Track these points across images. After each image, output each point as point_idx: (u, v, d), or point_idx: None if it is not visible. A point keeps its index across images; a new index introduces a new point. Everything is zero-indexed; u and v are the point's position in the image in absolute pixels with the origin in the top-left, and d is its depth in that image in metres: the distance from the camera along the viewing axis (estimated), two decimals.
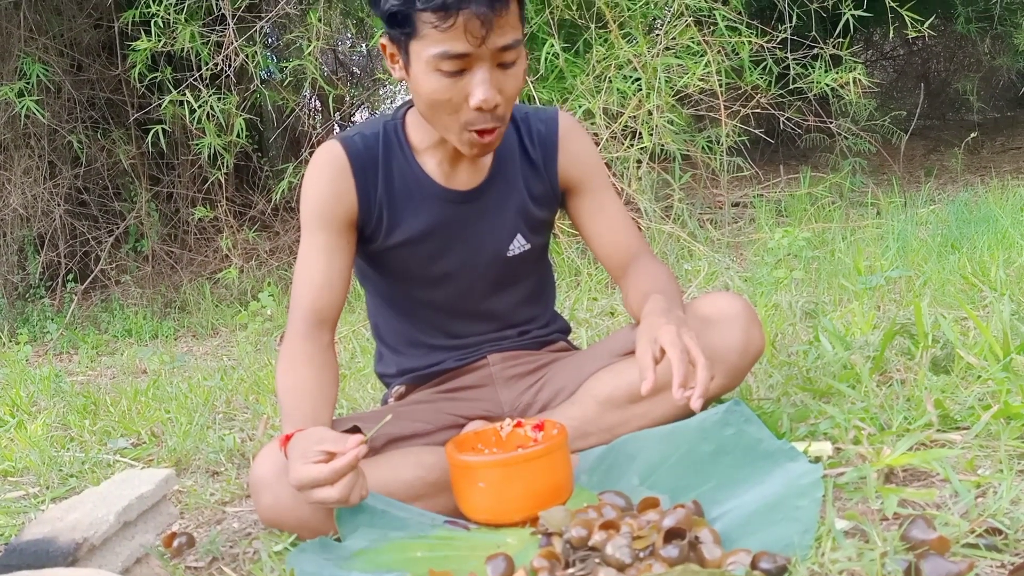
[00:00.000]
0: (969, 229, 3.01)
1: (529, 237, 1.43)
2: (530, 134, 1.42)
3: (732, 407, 1.22)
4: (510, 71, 1.22)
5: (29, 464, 1.84)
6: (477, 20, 1.14)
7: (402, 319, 1.48)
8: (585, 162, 1.43)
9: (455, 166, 1.38)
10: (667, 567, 0.94)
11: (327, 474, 1.07)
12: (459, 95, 1.20)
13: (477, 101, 1.19)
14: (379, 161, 1.35)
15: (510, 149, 1.41)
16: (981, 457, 1.21)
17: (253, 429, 1.99)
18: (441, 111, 1.22)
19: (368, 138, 1.36)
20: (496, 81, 1.20)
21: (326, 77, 4.53)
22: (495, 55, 1.18)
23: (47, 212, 4.57)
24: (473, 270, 1.42)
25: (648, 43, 3.53)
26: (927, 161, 5.88)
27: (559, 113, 1.44)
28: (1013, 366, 1.47)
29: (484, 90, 1.19)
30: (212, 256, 4.86)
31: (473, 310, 1.46)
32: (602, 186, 1.45)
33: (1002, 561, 0.93)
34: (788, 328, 2.13)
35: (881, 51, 8.05)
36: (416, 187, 1.36)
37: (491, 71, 1.19)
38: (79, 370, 3.31)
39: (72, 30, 4.68)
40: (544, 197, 1.43)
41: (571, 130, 1.43)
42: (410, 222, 1.37)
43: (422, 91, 1.22)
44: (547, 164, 1.42)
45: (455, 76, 1.18)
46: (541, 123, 1.42)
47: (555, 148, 1.41)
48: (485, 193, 1.39)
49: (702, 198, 4.24)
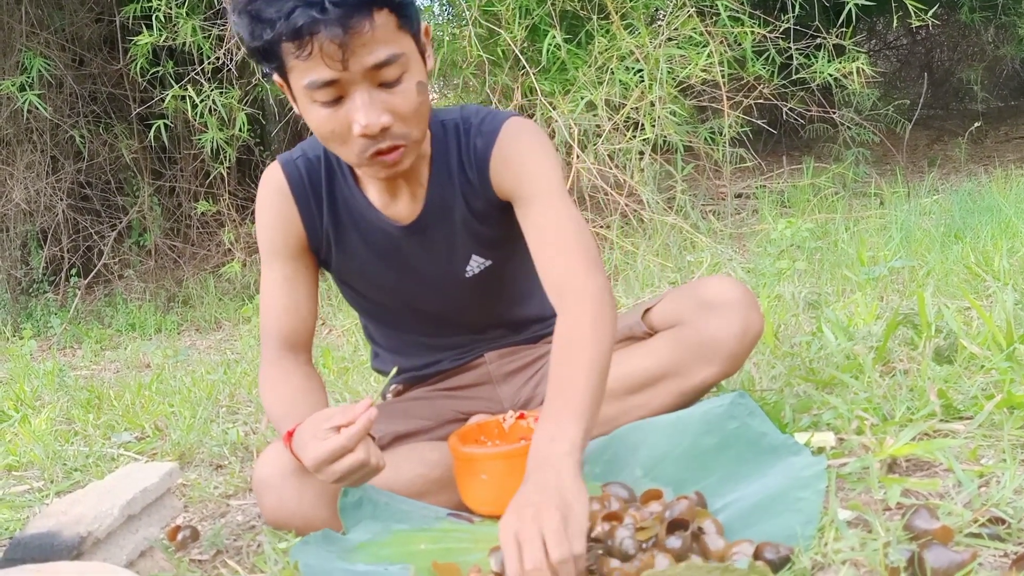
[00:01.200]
0: (973, 219, 3.01)
1: (487, 254, 1.36)
2: (468, 151, 1.30)
3: (736, 400, 1.21)
4: (397, 88, 1.12)
5: (33, 458, 1.85)
6: (333, 43, 1.05)
7: (389, 328, 1.48)
8: (517, 170, 1.26)
9: (394, 196, 1.31)
10: (670, 558, 0.94)
11: (343, 442, 1.05)
12: (342, 125, 1.12)
13: (359, 128, 1.11)
14: (322, 188, 1.31)
15: (448, 169, 1.31)
16: (984, 447, 1.21)
17: (256, 423, 2.00)
18: (333, 143, 1.16)
19: (311, 162, 1.31)
20: (380, 102, 1.11)
21: None
22: (369, 75, 1.09)
23: (50, 207, 4.57)
24: (436, 296, 1.38)
25: (650, 34, 3.52)
26: (930, 151, 5.86)
27: (505, 123, 1.29)
28: (1016, 355, 1.47)
29: (363, 115, 1.10)
30: (215, 250, 4.87)
31: (455, 323, 1.44)
32: (537, 196, 1.25)
33: (1005, 551, 0.93)
34: (791, 319, 2.13)
35: (885, 40, 8.02)
36: (360, 217, 1.32)
37: (370, 92, 1.10)
38: (83, 364, 3.32)
39: (74, 24, 4.67)
40: (487, 214, 1.32)
41: (509, 139, 1.28)
42: (359, 250, 1.34)
43: (311, 125, 1.15)
44: (481, 180, 1.30)
45: (334, 105, 1.11)
46: (479, 137, 1.29)
47: (487, 162, 1.28)
48: (426, 223, 1.32)
49: (705, 189, 4.24)
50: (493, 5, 3.50)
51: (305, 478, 1.17)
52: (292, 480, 1.17)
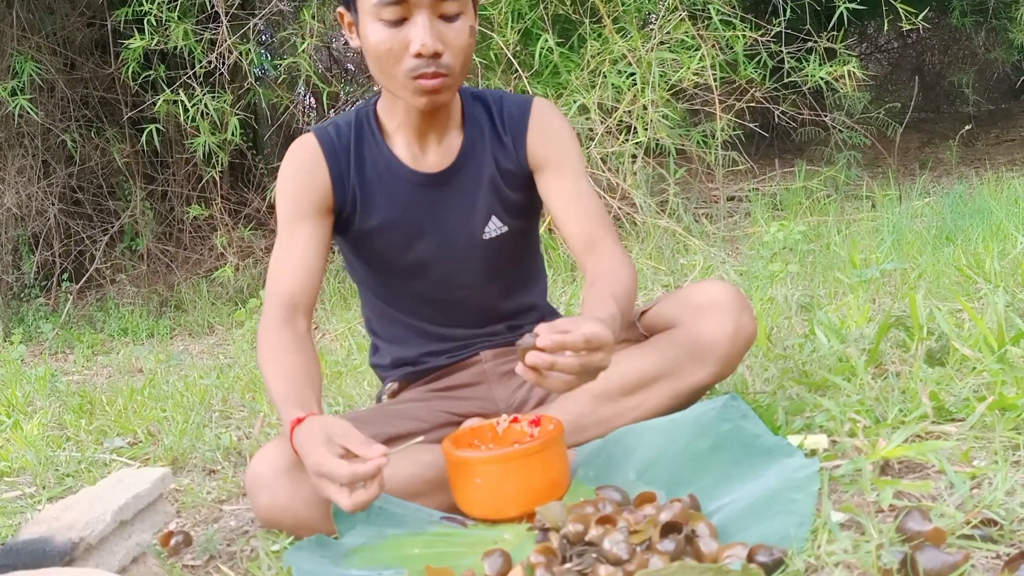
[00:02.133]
0: (964, 221, 3.01)
1: (505, 219, 1.42)
2: (501, 115, 1.42)
3: (729, 402, 1.22)
4: (453, 24, 1.25)
5: (25, 464, 1.84)
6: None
7: (391, 310, 1.49)
8: (554, 140, 1.41)
9: (424, 148, 1.39)
10: (664, 561, 0.94)
11: (346, 475, 1.05)
12: (400, 44, 1.24)
13: (416, 47, 1.23)
14: (351, 147, 1.38)
15: (480, 130, 1.42)
16: (976, 448, 1.22)
17: (250, 427, 1.99)
18: (386, 62, 1.26)
19: (341, 127, 1.40)
20: (436, 31, 1.24)
21: (320, 74, 4.53)
22: (434, 4, 1.23)
23: (41, 211, 4.56)
24: (450, 255, 1.42)
25: (642, 37, 3.53)
26: (922, 154, 5.89)
27: (535, 99, 1.45)
28: (1008, 357, 1.48)
29: (422, 35, 1.22)
30: (207, 254, 4.85)
31: (457, 300, 1.45)
32: (569, 166, 1.41)
33: (997, 552, 0.93)
34: (784, 321, 2.13)
35: (876, 44, 8.05)
36: (386, 171, 1.38)
37: (431, 20, 1.23)
38: (75, 369, 3.30)
39: (65, 28, 4.66)
40: (515, 177, 1.42)
41: (543, 110, 1.43)
42: (383, 206, 1.38)
43: (369, 45, 1.26)
44: (516, 143, 1.41)
45: (396, 25, 1.23)
46: (515, 106, 1.43)
47: (525, 127, 1.41)
48: (455, 174, 1.40)
49: (697, 192, 4.24)
50: (485, 9, 3.51)
51: (299, 478, 1.17)
52: (286, 479, 1.17)
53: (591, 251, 1.35)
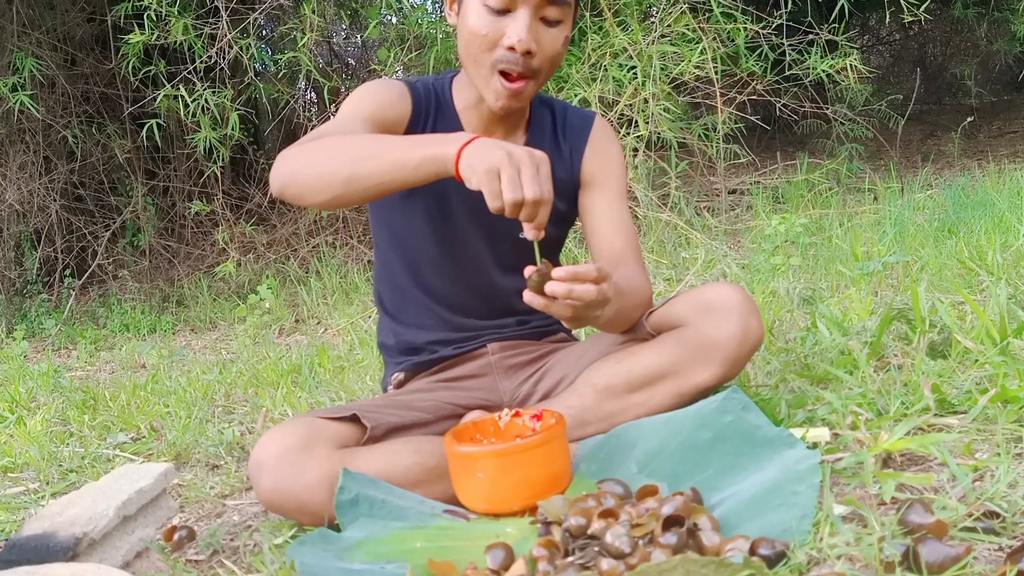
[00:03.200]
0: (966, 213, 3.01)
1: None
2: (564, 124, 1.47)
3: (730, 395, 1.22)
4: (552, 29, 1.28)
5: (29, 460, 1.84)
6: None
7: (410, 285, 1.48)
8: (608, 161, 1.47)
9: (492, 131, 1.41)
10: (666, 554, 0.94)
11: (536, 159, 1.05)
12: (497, 32, 1.27)
13: (511, 40, 1.26)
14: (430, 111, 1.41)
15: (543, 134, 1.45)
16: (978, 441, 1.22)
17: (252, 422, 2.00)
18: (478, 47, 1.28)
19: (426, 86, 1.42)
20: (535, 31, 1.27)
21: (321, 69, 4.52)
22: (540, 6, 1.26)
23: (43, 207, 4.56)
24: (485, 245, 1.44)
25: (643, 31, 3.53)
26: (924, 146, 5.88)
27: (597, 115, 1.51)
28: (1010, 350, 1.48)
29: (520, 30, 1.25)
30: (209, 250, 4.86)
31: (476, 286, 1.47)
32: (616, 190, 1.47)
33: (1000, 544, 0.93)
34: (786, 314, 2.13)
35: (877, 36, 8.03)
36: None
37: (532, 19, 1.26)
38: (78, 365, 3.31)
39: (65, 24, 4.66)
40: (564, 186, 1.45)
41: (603, 129, 1.49)
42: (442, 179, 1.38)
43: (466, 26, 1.29)
44: (574, 154, 1.46)
45: (498, 15, 1.26)
46: (577, 118, 1.48)
47: (584, 141, 1.46)
48: None
49: (699, 186, 4.24)
50: None
51: (301, 461, 1.17)
52: (288, 463, 1.17)
53: (615, 268, 1.35)
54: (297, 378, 2.35)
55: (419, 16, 4.04)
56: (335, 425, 1.24)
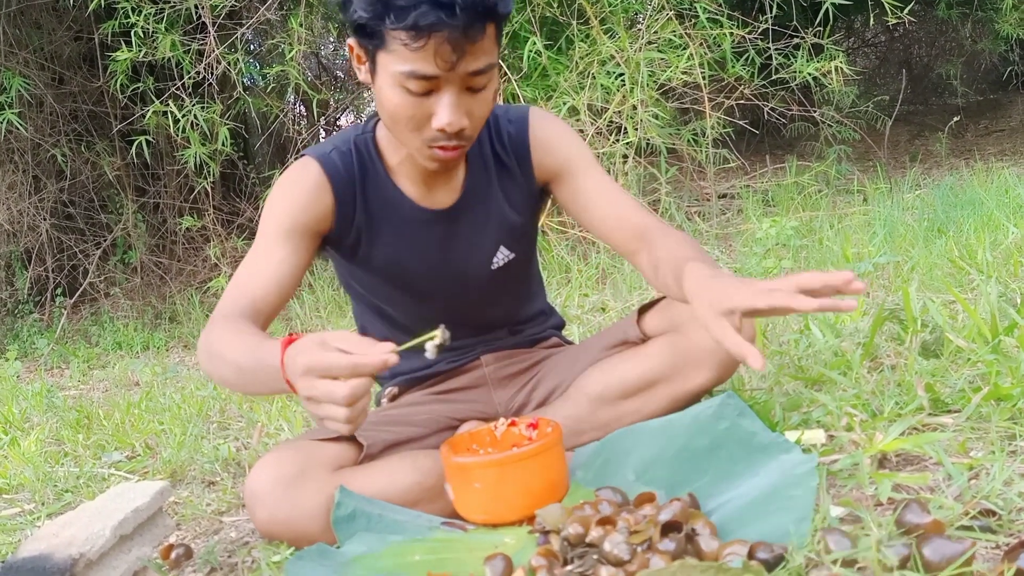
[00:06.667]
0: (955, 213, 3.03)
1: (513, 247, 1.41)
2: (500, 138, 1.38)
3: (725, 400, 1.22)
4: (480, 95, 1.19)
5: (24, 481, 1.83)
6: (448, 45, 1.10)
7: (390, 328, 1.46)
8: (560, 147, 1.37)
9: (430, 185, 1.35)
10: (665, 561, 0.94)
11: (345, 365, 0.95)
12: (423, 114, 1.17)
13: (441, 123, 1.16)
14: (356, 181, 1.32)
15: (483, 160, 1.37)
16: (973, 439, 1.22)
17: (248, 438, 1.99)
18: (403, 127, 1.20)
19: (344, 155, 1.32)
20: (464, 104, 1.17)
21: (309, 82, 4.52)
22: (465, 79, 1.15)
23: (33, 227, 4.55)
24: (458, 286, 1.40)
25: (630, 38, 3.54)
26: (912, 146, 5.91)
27: (529, 110, 1.39)
28: (1002, 348, 1.48)
29: (449, 114, 1.16)
30: (201, 265, 4.85)
31: (463, 320, 1.43)
32: (587, 166, 1.37)
33: (997, 542, 0.93)
34: (778, 317, 2.14)
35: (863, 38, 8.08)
36: (393, 209, 1.34)
37: (459, 95, 1.16)
38: (71, 384, 3.29)
39: (52, 43, 4.66)
40: (523, 202, 1.40)
41: (542, 121, 1.38)
42: (389, 244, 1.35)
43: (386, 104, 1.19)
44: (521, 164, 1.38)
45: (421, 96, 1.15)
46: (511, 124, 1.38)
47: (527, 145, 1.37)
48: (462, 210, 1.36)
49: (689, 191, 4.25)
50: None
51: (297, 491, 1.16)
52: (283, 493, 1.16)
53: (643, 239, 1.31)
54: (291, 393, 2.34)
55: None
56: (330, 446, 1.23)
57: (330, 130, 5.67)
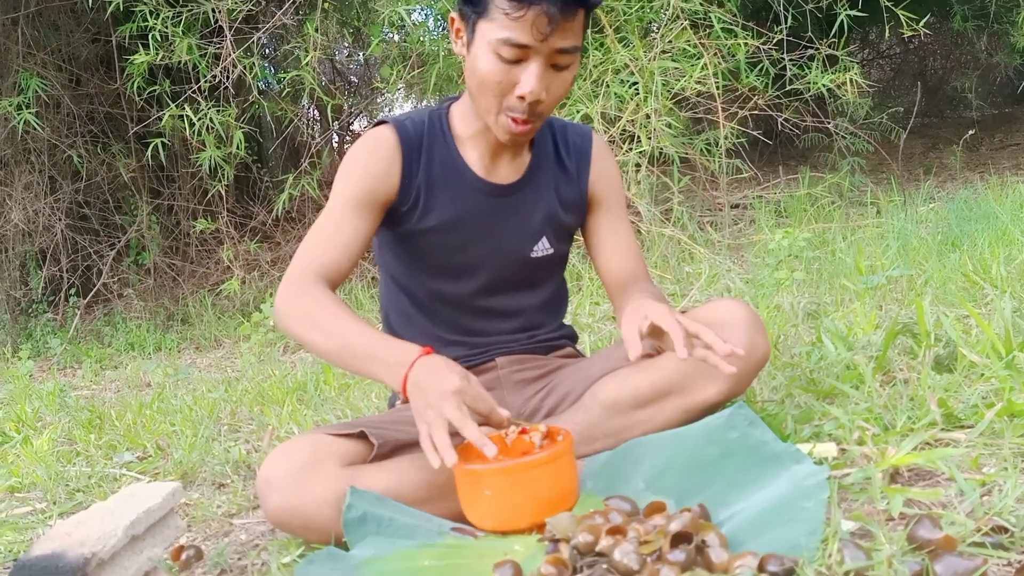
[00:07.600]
0: (969, 226, 3.01)
1: (553, 242, 1.48)
2: (566, 143, 1.49)
3: (736, 410, 1.22)
4: (561, 74, 1.29)
5: (36, 480, 1.85)
6: (545, 17, 1.21)
7: (416, 311, 1.49)
8: (610, 182, 1.52)
9: (495, 160, 1.44)
10: (674, 571, 0.94)
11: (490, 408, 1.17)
12: (509, 81, 1.27)
13: (523, 91, 1.27)
14: (423, 146, 1.41)
15: (546, 154, 1.48)
16: (986, 455, 1.21)
17: (258, 440, 2.00)
18: (488, 91, 1.30)
19: (417, 124, 1.42)
20: (546, 79, 1.28)
21: (324, 87, 4.55)
22: (552, 54, 1.26)
23: (48, 227, 4.58)
24: (495, 266, 1.45)
25: (644, 47, 3.54)
26: (926, 159, 5.89)
27: (594, 132, 1.53)
28: (1016, 363, 1.48)
29: (533, 82, 1.26)
30: (214, 268, 4.87)
31: (489, 309, 1.48)
32: (619, 210, 1.53)
33: (1009, 560, 0.93)
34: (790, 329, 2.14)
35: (877, 50, 8.06)
36: (454, 175, 1.42)
37: (544, 68, 1.27)
38: (83, 384, 3.31)
39: (70, 45, 4.69)
40: (573, 204, 1.50)
41: (603, 150, 1.53)
42: (444, 208, 1.41)
43: (477, 69, 1.29)
44: (580, 173, 1.49)
45: (511, 63, 1.26)
46: (577, 136, 1.51)
47: (588, 160, 1.50)
48: (520, 190, 1.45)
49: (702, 200, 4.25)
50: None
51: (308, 479, 1.18)
52: (295, 480, 1.18)
53: (631, 286, 1.46)
54: (303, 396, 2.35)
55: (421, 34, 4.06)
56: (342, 442, 1.25)
57: (344, 134, 5.70)
